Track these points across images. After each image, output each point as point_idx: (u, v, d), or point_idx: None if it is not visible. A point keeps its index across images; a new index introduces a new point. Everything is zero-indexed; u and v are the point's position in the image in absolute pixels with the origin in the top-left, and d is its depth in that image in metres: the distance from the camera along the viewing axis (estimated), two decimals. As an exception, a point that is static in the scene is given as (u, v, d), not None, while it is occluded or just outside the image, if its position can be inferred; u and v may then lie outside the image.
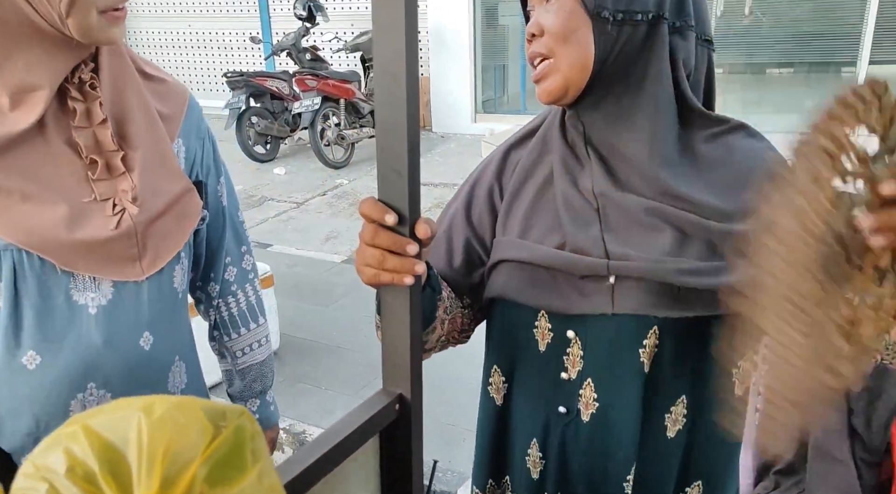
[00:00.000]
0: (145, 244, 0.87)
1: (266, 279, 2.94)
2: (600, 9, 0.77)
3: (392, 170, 0.69)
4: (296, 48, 6.23)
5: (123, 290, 0.87)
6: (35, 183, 0.80)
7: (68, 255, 0.82)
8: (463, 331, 0.97)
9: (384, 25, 0.63)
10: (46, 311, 0.83)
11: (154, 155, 0.89)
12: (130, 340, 0.89)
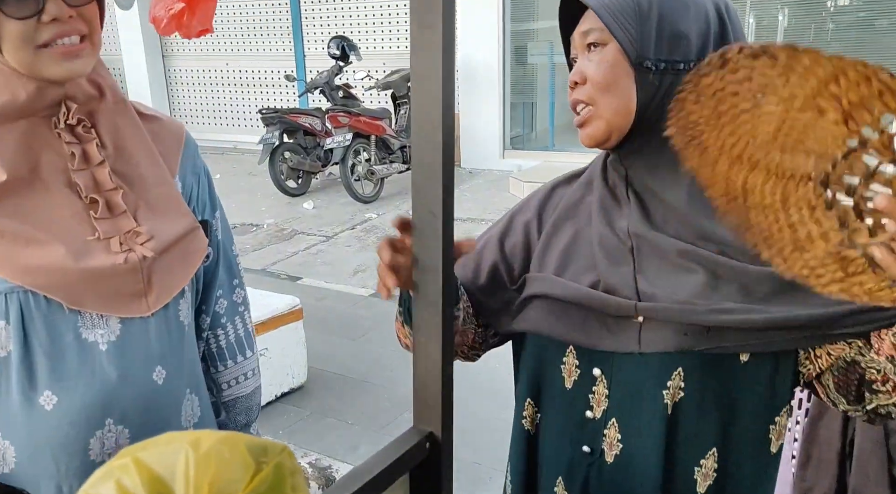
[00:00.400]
0: (151, 280, 0.87)
1: (295, 312, 2.98)
2: (642, 59, 0.78)
3: (427, 211, 0.71)
4: (329, 86, 6.39)
5: (131, 326, 0.88)
6: (37, 225, 0.81)
7: (75, 292, 0.82)
8: (473, 348, 0.99)
9: (422, 74, 0.66)
10: (57, 351, 0.83)
11: (157, 193, 0.90)
12: (144, 374, 0.89)
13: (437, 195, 0.70)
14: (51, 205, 0.82)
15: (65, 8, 0.78)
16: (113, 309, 0.85)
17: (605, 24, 0.78)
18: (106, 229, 0.85)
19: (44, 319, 0.82)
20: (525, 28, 7.25)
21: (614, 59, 0.79)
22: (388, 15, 7.61)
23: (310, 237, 5.36)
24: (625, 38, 0.78)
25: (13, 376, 0.82)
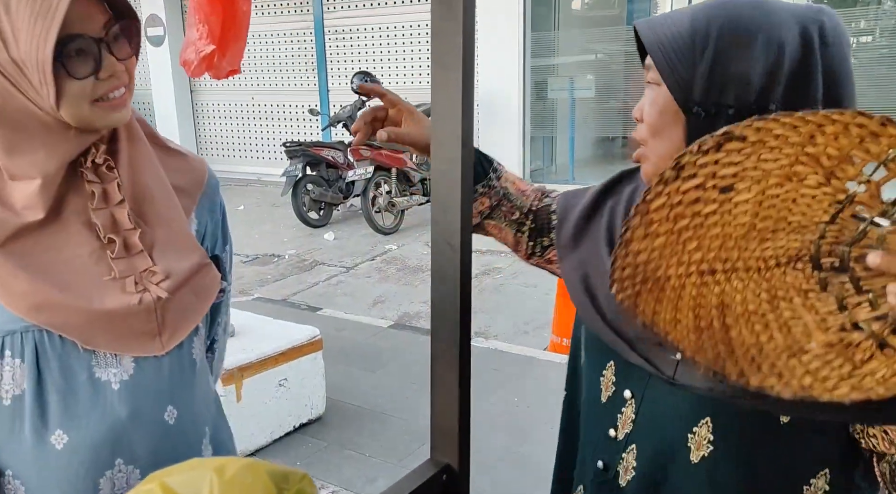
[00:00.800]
0: (164, 319, 0.88)
1: (315, 343, 2.99)
2: (692, 105, 0.72)
3: (446, 243, 0.73)
4: (352, 120, 6.51)
5: (144, 365, 0.88)
6: (54, 264, 0.82)
7: (90, 332, 0.82)
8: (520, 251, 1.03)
9: (442, 113, 0.69)
10: (70, 390, 0.84)
11: (171, 232, 0.91)
12: (155, 414, 0.89)
13: (455, 229, 0.71)
14: (68, 244, 0.83)
15: (116, 63, 0.81)
16: (127, 349, 0.85)
17: (656, 65, 0.73)
18: (122, 268, 0.85)
19: (58, 358, 0.83)
20: (545, 63, 7.36)
21: (664, 104, 0.74)
22: (409, 51, 7.77)
23: (330, 268, 5.40)
24: (674, 82, 0.73)
25: (27, 414, 0.83)
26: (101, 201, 0.85)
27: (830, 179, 0.55)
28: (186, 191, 0.96)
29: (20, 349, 0.82)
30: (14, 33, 0.75)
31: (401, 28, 7.74)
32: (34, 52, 0.75)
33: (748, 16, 0.71)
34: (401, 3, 7.67)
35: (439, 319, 0.75)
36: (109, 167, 0.86)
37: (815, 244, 0.58)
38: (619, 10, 7.49)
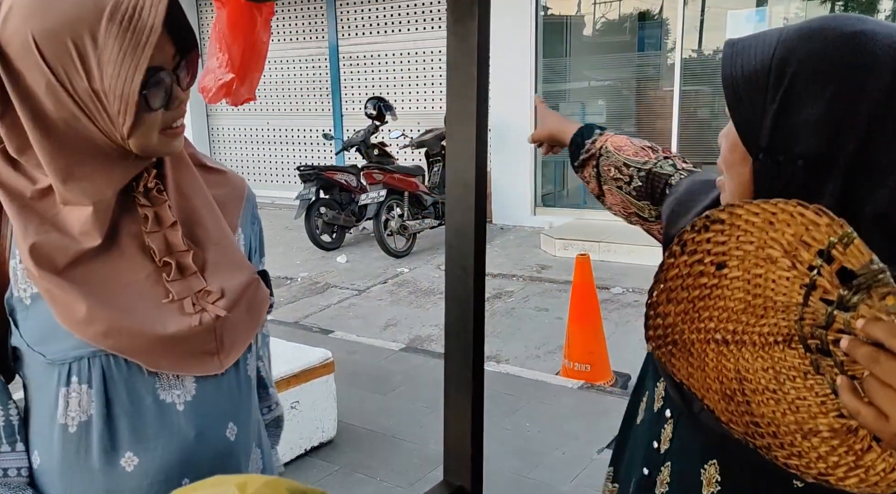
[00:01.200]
0: (222, 338, 0.89)
1: (327, 366, 3.00)
2: (756, 150, 0.67)
3: (460, 267, 0.75)
4: (365, 144, 6.58)
5: (205, 384, 0.90)
6: (115, 290, 0.83)
7: (154, 355, 0.84)
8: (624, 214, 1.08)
9: (457, 141, 0.71)
10: (137, 413, 0.85)
11: (222, 251, 0.92)
12: (218, 431, 0.91)
13: (469, 254, 0.73)
14: (125, 269, 0.85)
15: (182, 93, 0.84)
16: (188, 369, 0.87)
17: (726, 99, 0.68)
18: (178, 290, 0.87)
19: (125, 382, 0.84)
20: (557, 89, 7.42)
21: (734, 140, 0.69)
22: (423, 77, 7.88)
23: (342, 291, 5.42)
24: (740, 122, 0.67)
25: (94, 439, 0.84)
26: (154, 224, 0.87)
27: (795, 264, 0.56)
28: (229, 207, 0.98)
29: (87, 375, 0.83)
30: (100, 66, 0.77)
31: (413, 55, 7.86)
32: (121, 84, 0.77)
33: (834, 51, 0.63)
34: (414, 31, 7.80)
35: (453, 342, 0.76)
36: (159, 190, 0.88)
37: (798, 326, 0.58)
38: (630, 36, 7.56)
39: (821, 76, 0.63)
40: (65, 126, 0.80)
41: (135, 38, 0.76)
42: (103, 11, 0.77)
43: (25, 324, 0.84)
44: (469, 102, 0.69)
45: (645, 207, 1.03)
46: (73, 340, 0.82)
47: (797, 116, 0.64)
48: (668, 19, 6.85)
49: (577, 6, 7.57)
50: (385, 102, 6.66)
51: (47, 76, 0.78)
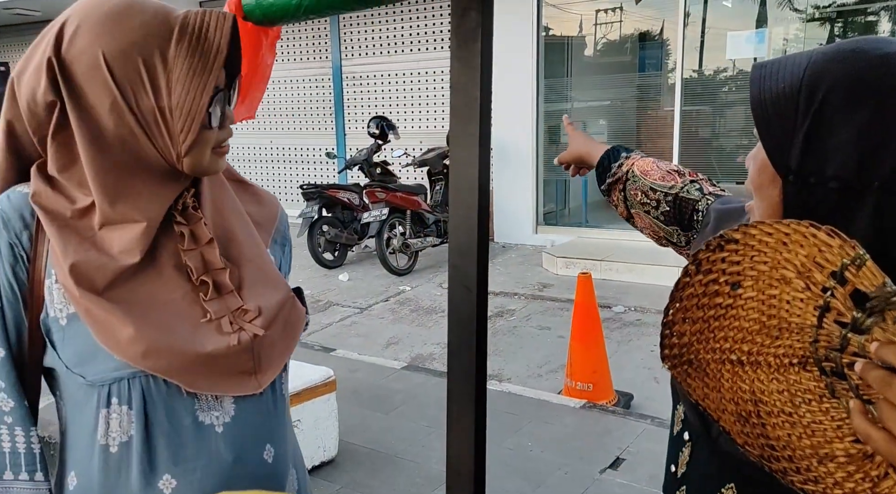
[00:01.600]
0: (260, 357, 0.88)
1: (329, 384, 2.99)
2: (786, 171, 0.66)
3: (463, 286, 0.75)
4: (367, 163, 6.62)
5: (244, 405, 0.88)
6: (154, 310, 0.82)
7: (193, 375, 0.83)
8: (664, 238, 1.06)
9: (461, 162, 0.72)
10: (176, 434, 0.84)
11: (257, 268, 0.92)
12: (256, 454, 0.89)
13: (472, 273, 0.74)
14: (163, 288, 0.84)
15: (231, 113, 0.87)
16: (227, 389, 0.86)
17: (755, 120, 0.67)
18: (215, 309, 0.86)
19: (164, 403, 0.83)
20: (559, 109, 7.48)
21: (764, 162, 0.68)
22: (425, 96, 7.95)
23: (344, 309, 5.42)
24: (770, 143, 0.67)
25: (134, 460, 0.83)
26: (191, 242, 0.86)
27: (809, 285, 0.55)
28: (263, 226, 0.98)
29: (127, 396, 0.82)
30: (168, 84, 0.79)
31: (415, 75, 7.93)
32: (189, 102, 0.79)
33: (866, 73, 0.62)
34: (416, 51, 7.88)
35: (456, 361, 0.77)
36: (195, 208, 0.88)
37: (813, 348, 0.57)
38: (630, 56, 7.64)
39: (854, 98, 0.62)
40: (120, 145, 0.81)
41: (203, 57, 0.78)
42: (172, 31, 0.79)
43: (63, 345, 0.83)
44: (472, 124, 0.70)
45: (673, 232, 1.03)
46: (112, 361, 0.81)
47: (830, 138, 0.63)
48: (669, 40, 6.92)
49: (578, 27, 7.66)
50: (388, 122, 6.71)
51: (114, 95, 0.79)
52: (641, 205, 1.06)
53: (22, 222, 0.84)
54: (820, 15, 6.36)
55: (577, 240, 6.76)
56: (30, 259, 0.84)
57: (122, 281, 0.82)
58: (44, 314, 0.84)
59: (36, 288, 0.83)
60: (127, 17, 0.79)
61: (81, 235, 0.82)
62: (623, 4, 7.19)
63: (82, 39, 0.79)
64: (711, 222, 0.94)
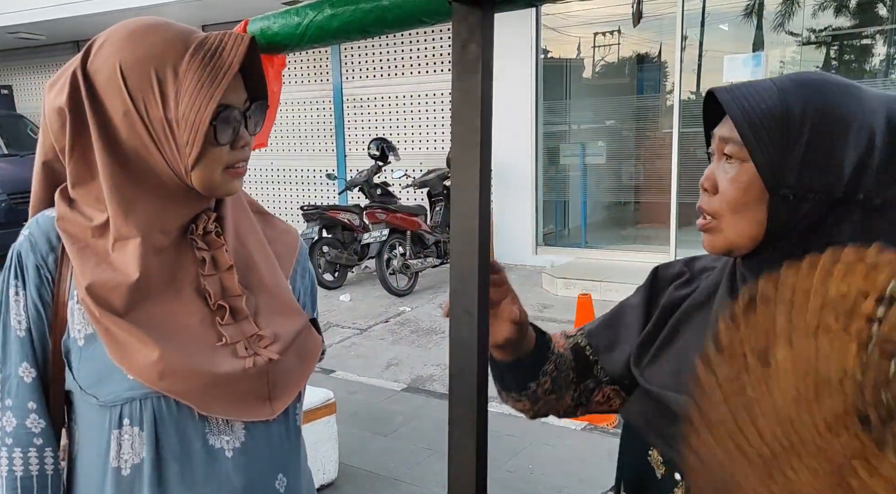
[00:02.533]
0: (274, 383, 0.88)
1: (329, 406, 2.98)
2: (780, 187, 0.70)
3: (464, 310, 0.76)
4: (368, 184, 6.66)
5: (255, 431, 0.88)
6: (172, 333, 0.83)
7: (206, 398, 0.83)
8: (568, 410, 0.98)
9: (462, 187, 0.73)
10: (187, 457, 0.84)
11: (275, 297, 0.92)
12: (267, 483, 0.89)
13: (473, 296, 0.75)
14: (181, 312, 0.85)
15: (247, 136, 0.87)
16: (239, 414, 0.86)
17: (745, 143, 0.71)
18: (231, 334, 0.86)
19: (175, 425, 0.84)
20: (557, 130, 7.54)
21: (749, 182, 0.72)
22: (425, 118, 8.01)
23: (344, 330, 5.41)
24: (764, 162, 0.70)
25: (145, 483, 0.84)
26: (211, 267, 0.87)
27: (852, 321, 0.51)
28: (283, 256, 0.98)
29: (139, 417, 0.83)
30: (177, 96, 0.80)
31: (415, 97, 8.01)
32: (193, 114, 0.80)
33: (843, 102, 0.70)
34: (416, 74, 7.96)
35: (457, 384, 0.77)
36: (217, 233, 0.89)
37: (855, 395, 0.51)
38: (629, 78, 7.72)
39: (839, 124, 0.69)
40: (134, 156, 0.83)
41: (212, 72, 0.80)
42: (189, 47, 0.81)
43: (79, 366, 0.84)
44: (473, 151, 0.71)
45: (590, 381, 0.96)
46: (126, 382, 0.82)
47: (821, 157, 0.69)
48: (667, 62, 7.00)
49: (576, 49, 7.75)
50: (388, 143, 6.76)
51: (126, 103, 0.81)
52: (563, 381, 0.96)
53: (48, 245, 0.86)
54: (816, 38, 6.45)
55: (577, 261, 6.77)
56: (54, 281, 0.85)
57: (140, 302, 0.83)
58: (65, 336, 0.85)
59: (60, 310, 0.85)
60: (148, 34, 0.83)
61: (99, 255, 0.84)
62: (621, 27, 7.29)
63: (105, 52, 0.83)
64: (604, 342, 0.94)
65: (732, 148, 0.74)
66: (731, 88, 0.75)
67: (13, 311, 0.86)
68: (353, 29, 0.89)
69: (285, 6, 1.00)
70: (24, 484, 0.85)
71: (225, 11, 8.07)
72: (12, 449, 0.85)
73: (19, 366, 0.85)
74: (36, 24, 9.07)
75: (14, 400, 0.85)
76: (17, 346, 0.86)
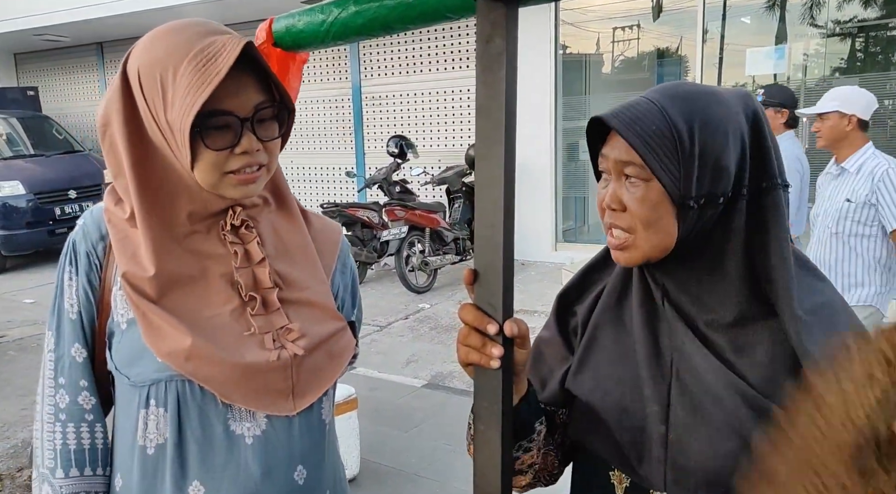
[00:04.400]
0: (298, 378, 0.89)
1: (350, 402, 3.00)
2: (686, 199, 0.77)
3: (488, 304, 0.76)
4: (387, 182, 6.67)
5: (276, 422, 0.89)
6: (201, 320, 0.86)
7: (229, 386, 0.85)
8: (552, 474, 0.96)
9: (485, 182, 0.73)
10: (207, 441, 0.86)
11: (311, 293, 0.93)
12: (286, 473, 0.90)
13: (497, 290, 0.75)
14: (213, 301, 0.88)
15: (255, 142, 0.86)
16: (261, 406, 0.87)
17: (649, 166, 0.76)
18: (260, 325, 0.88)
19: (198, 408, 0.86)
20: (576, 126, 7.51)
21: (658, 199, 0.77)
22: (443, 116, 8.02)
23: (364, 327, 5.43)
24: (668, 180, 0.76)
25: (168, 464, 0.86)
26: (243, 260, 0.90)
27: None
28: (323, 254, 1.00)
29: (164, 399, 0.86)
30: (173, 99, 0.82)
31: (433, 94, 8.01)
32: (179, 118, 0.82)
33: (716, 110, 0.77)
34: (433, 71, 7.97)
35: (482, 378, 0.77)
36: (248, 227, 0.91)
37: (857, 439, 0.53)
38: (648, 73, 7.66)
39: (719, 131, 0.76)
40: (160, 153, 0.86)
41: (201, 78, 0.81)
42: (190, 52, 0.82)
43: (118, 348, 0.88)
44: (497, 146, 0.71)
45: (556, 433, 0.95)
46: (155, 363, 0.84)
47: (711, 164, 0.76)
48: (687, 57, 6.93)
49: (595, 44, 7.70)
50: (406, 141, 6.77)
51: (143, 105, 0.85)
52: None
53: (99, 233, 0.91)
54: (841, 30, 6.33)
55: (597, 257, 6.74)
56: (102, 267, 0.90)
57: (170, 290, 0.86)
58: (110, 320, 0.89)
59: (105, 295, 0.89)
60: (162, 38, 0.85)
61: (135, 245, 0.88)
62: (640, 21, 7.22)
63: (133, 55, 0.86)
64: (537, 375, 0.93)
65: (634, 170, 0.78)
66: (616, 113, 0.79)
67: (66, 295, 0.91)
68: (377, 25, 0.89)
69: (305, 5, 1.00)
70: (77, 457, 0.90)
71: (245, 10, 8.13)
72: (66, 424, 0.90)
73: (72, 346, 0.91)
74: (60, 26, 9.23)
75: (67, 379, 0.91)
76: (70, 328, 0.91)
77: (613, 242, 0.82)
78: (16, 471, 3.22)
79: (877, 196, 2.75)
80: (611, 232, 0.83)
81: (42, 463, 0.91)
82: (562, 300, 0.98)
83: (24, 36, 9.81)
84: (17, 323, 5.71)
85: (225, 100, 0.83)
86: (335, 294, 1.02)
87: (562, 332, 0.96)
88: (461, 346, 0.76)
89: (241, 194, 0.88)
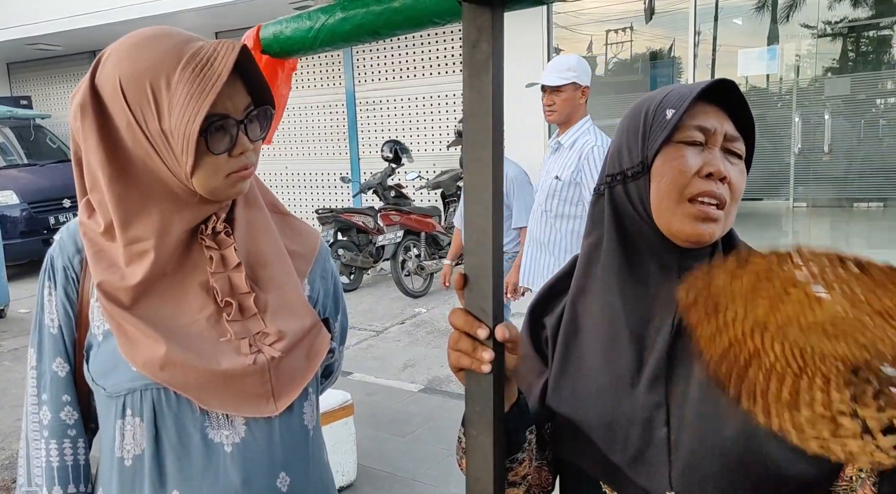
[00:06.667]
0: (278, 380, 0.89)
1: (346, 408, 2.99)
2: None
3: (479, 308, 0.76)
4: (382, 186, 6.68)
5: (255, 428, 0.89)
6: (176, 327, 0.85)
7: (206, 393, 0.84)
8: (545, 490, 0.95)
9: (474, 187, 0.74)
10: (185, 450, 0.86)
11: (284, 295, 0.93)
12: (267, 480, 0.89)
13: (487, 295, 0.75)
14: (188, 307, 0.87)
15: (247, 143, 0.87)
16: (240, 409, 0.87)
17: (751, 149, 0.83)
18: (237, 330, 0.88)
19: (174, 417, 0.85)
20: (570, 128, 7.50)
21: (744, 177, 0.83)
22: (437, 120, 8.02)
23: (360, 332, 5.43)
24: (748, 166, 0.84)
25: (146, 474, 0.86)
26: (219, 265, 0.89)
27: None
28: (301, 256, 1.00)
29: (139, 408, 0.85)
30: (170, 107, 0.81)
31: (428, 98, 8.02)
32: (183, 125, 0.81)
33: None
34: (427, 76, 7.98)
35: (474, 383, 0.77)
36: (227, 233, 0.91)
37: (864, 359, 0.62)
38: (642, 75, 7.68)
39: None
40: (142, 165, 0.85)
41: (202, 83, 0.80)
42: (181, 59, 0.82)
43: (94, 359, 0.88)
44: (485, 150, 0.71)
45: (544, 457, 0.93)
46: (130, 373, 0.84)
47: None
48: (680, 58, 6.95)
49: (588, 47, 7.72)
50: (401, 145, 6.78)
51: (128, 115, 0.83)
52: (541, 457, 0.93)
53: (75, 247, 0.91)
54: (832, 31, 6.36)
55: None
56: (79, 281, 0.90)
57: (146, 298, 0.86)
58: (89, 333, 0.89)
59: (84, 308, 0.89)
60: (145, 46, 0.83)
61: (111, 258, 0.87)
62: (633, 24, 7.24)
63: (108, 65, 0.84)
64: None
65: (739, 146, 0.80)
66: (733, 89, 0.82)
67: (47, 310, 0.91)
68: (365, 31, 0.89)
69: (296, 12, 1.00)
70: (60, 474, 0.91)
71: (237, 18, 8.13)
72: (49, 442, 0.90)
73: (53, 361, 0.91)
74: (53, 35, 9.21)
75: (49, 394, 0.91)
76: (51, 343, 0.91)
77: (708, 212, 0.79)
78: (11, 482, 3.21)
79: (581, 175, 2.61)
80: (701, 202, 0.80)
81: (30, 481, 0.91)
82: (532, 314, 0.97)
83: (17, 45, 9.79)
84: (12, 333, 5.69)
85: (222, 103, 0.83)
86: (316, 299, 1.02)
87: (535, 346, 0.95)
88: (452, 351, 0.76)
89: (238, 191, 0.90)
